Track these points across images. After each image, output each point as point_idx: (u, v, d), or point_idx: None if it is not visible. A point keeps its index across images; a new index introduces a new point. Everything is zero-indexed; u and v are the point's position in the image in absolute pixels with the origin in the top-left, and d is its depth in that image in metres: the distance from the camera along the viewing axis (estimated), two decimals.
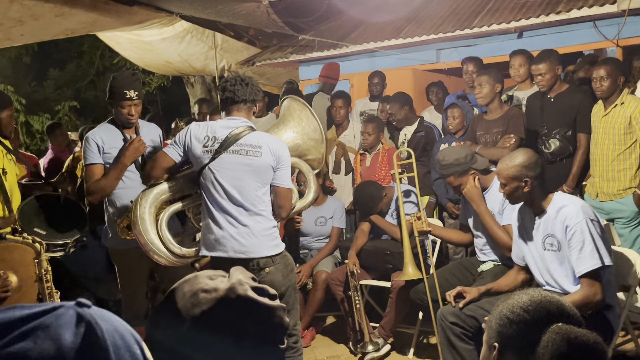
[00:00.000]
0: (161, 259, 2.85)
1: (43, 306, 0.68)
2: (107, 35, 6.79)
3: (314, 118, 3.07)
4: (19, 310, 0.67)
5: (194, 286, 1.06)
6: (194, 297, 1.04)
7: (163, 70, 8.66)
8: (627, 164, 3.75)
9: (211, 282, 1.07)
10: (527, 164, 2.69)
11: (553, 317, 1.36)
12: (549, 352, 1.30)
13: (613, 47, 5.29)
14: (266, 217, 2.80)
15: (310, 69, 7.23)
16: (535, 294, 1.43)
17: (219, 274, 1.10)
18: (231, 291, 1.05)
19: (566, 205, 2.65)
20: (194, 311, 1.03)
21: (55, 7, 4.36)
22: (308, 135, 3.07)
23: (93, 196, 3.21)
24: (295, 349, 2.90)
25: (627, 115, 3.68)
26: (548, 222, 2.71)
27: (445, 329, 2.98)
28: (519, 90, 4.56)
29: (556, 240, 2.68)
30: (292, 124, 3.08)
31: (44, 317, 0.66)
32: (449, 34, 5.83)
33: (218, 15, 5.36)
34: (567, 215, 2.62)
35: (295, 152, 3.05)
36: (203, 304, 1.04)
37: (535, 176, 2.69)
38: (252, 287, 1.08)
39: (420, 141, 4.68)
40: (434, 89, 5.58)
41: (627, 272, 3.06)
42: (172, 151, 2.84)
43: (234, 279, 1.08)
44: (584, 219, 2.57)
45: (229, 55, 7.45)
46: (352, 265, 3.91)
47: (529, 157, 2.71)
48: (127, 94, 3.16)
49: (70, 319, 0.67)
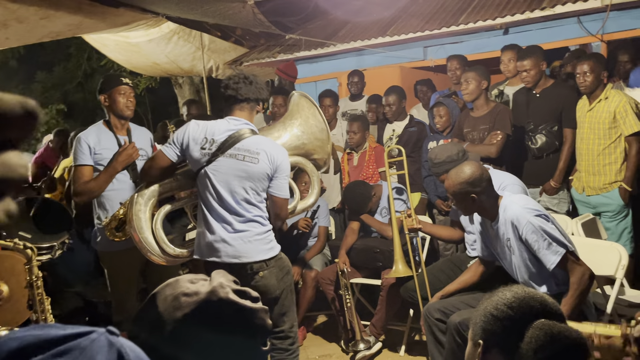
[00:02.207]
0: (154, 257, 2.84)
1: (77, 329, 0.75)
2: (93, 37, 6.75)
3: (322, 118, 3.01)
4: (55, 329, 0.73)
5: (175, 290, 1.06)
6: (175, 301, 1.05)
7: (150, 72, 8.61)
8: (612, 158, 3.78)
9: (192, 285, 1.08)
10: (472, 180, 2.70)
11: (536, 313, 1.37)
12: (532, 347, 1.31)
13: (598, 42, 5.33)
14: (260, 223, 2.74)
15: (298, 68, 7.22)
16: (519, 291, 1.44)
17: (200, 278, 1.11)
18: (212, 294, 1.06)
19: (510, 208, 2.70)
20: (175, 314, 1.03)
21: (39, 10, 4.33)
22: (315, 135, 3.01)
23: (80, 197, 3.20)
24: (292, 351, 2.86)
25: (611, 109, 3.71)
26: (502, 227, 2.75)
27: (431, 325, 3.00)
28: (509, 86, 4.59)
29: (510, 243, 2.74)
30: (298, 122, 3.01)
31: (80, 340, 0.73)
32: (435, 32, 5.85)
33: (204, 15, 5.34)
34: (512, 218, 2.67)
35: (301, 150, 3.01)
36: (184, 307, 1.04)
37: (481, 191, 2.71)
38: (233, 289, 1.08)
39: (412, 137, 4.69)
40: (422, 87, 5.59)
41: (613, 265, 3.09)
42: (169, 151, 2.78)
43: (215, 282, 1.08)
44: (530, 216, 2.62)
45: (216, 56, 7.42)
46: (343, 264, 3.92)
47: (473, 173, 2.71)
48: (122, 80, 3.22)
49: (103, 344, 0.74)
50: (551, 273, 2.68)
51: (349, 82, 5.55)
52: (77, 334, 0.73)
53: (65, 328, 0.74)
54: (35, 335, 0.72)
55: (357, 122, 4.67)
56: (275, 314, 2.77)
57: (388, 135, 4.88)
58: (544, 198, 4.07)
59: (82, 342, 0.72)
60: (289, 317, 2.84)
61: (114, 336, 0.76)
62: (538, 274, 2.72)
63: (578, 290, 2.54)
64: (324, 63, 7.01)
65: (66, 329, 0.74)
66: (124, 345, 0.76)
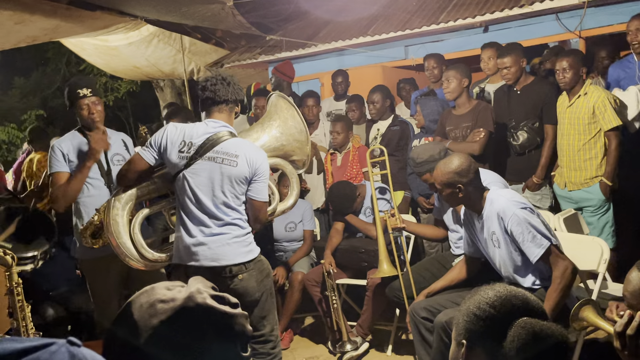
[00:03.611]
0: (133, 262, 2.79)
1: (35, 341, 0.73)
2: (71, 41, 6.66)
3: (300, 119, 2.98)
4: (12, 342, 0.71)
5: (150, 297, 1.04)
6: (151, 308, 1.02)
7: (131, 75, 8.52)
8: (592, 154, 3.81)
9: (169, 292, 1.05)
10: (460, 170, 2.73)
11: (518, 312, 1.37)
12: (515, 346, 1.30)
13: (576, 38, 5.38)
14: (239, 226, 2.71)
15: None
16: (501, 290, 1.43)
17: (177, 285, 1.08)
18: (190, 300, 1.03)
19: (496, 201, 2.73)
20: (151, 322, 1.01)
21: (14, 15, 4.25)
22: (294, 136, 2.98)
23: (57, 203, 3.14)
24: (273, 355, 2.82)
25: (590, 105, 3.74)
26: (488, 221, 2.77)
27: (417, 323, 3.00)
28: (490, 83, 4.61)
29: (496, 237, 2.75)
30: (277, 123, 2.97)
31: (39, 352, 0.71)
32: (415, 30, 5.86)
33: (183, 18, 5.29)
34: (498, 210, 2.70)
35: (280, 152, 2.98)
36: (161, 314, 1.01)
37: (469, 182, 2.74)
38: (211, 295, 1.06)
39: (394, 136, 4.68)
40: (404, 85, 5.60)
41: (595, 260, 3.11)
42: (146, 154, 2.73)
43: (193, 288, 1.06)
44: (515, 209, 2.64)
45: (197, 58, 7.36)
46: (329, 265, 3.91)
47: (461, 164, 2.74)
48: (80, 93, 3.15)
49: (63, 357, 0.72)
50: (535, 267, 2.70)
51: (334, 83, 5.53)
52: (36, 346, 0.71)
53: (24, 341, 0.72)
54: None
55: (341, 122, 4.65)
56: (255, 317, 2.74)
57: (373, 135, 4.87)
58: (526, 194, 4.08)
59: (41, 355, 0.70)
60: (269, 320, 2.80)
61: (75, 347, 0.74)
62: (522, 267, 2.74)
63: (561, 284, 2.55)
64: (306, 64, 6.99)
65: (24, 341, 0.71)
66: (86, 356, 0.74)
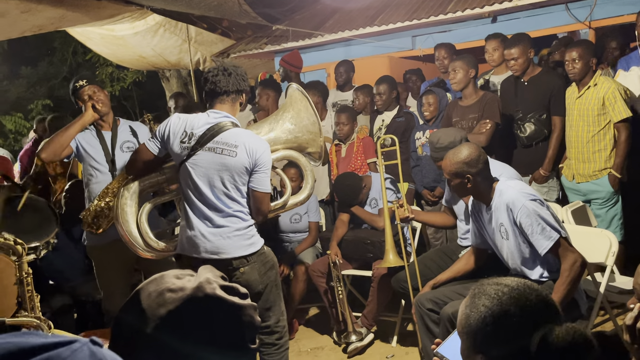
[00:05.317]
0: (139, 251, 2.84)
1: (58, 338, 0.73)
2: (77, 30, 6.66)
3: (313, 111, 2.95)
4: (36, 337, 0.71)
5: (159, 286, 1.03)
6: (159, 297, 1.01)
7: (137, 65, 8.51)
8: (601, 145, 3.78)
9: (178, 281, 1.04)
10: (469, 160, 2.70)
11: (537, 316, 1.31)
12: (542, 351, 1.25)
13: (586, 29, 5.33)
14: (241, 218, 2.70)
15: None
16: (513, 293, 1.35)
17: (186, 273, 1.07)
18: (199, 290, 1.02)
19: (505, 192, 2.70)
20: (159, 311, 1.00)
21: (20, 4, 4.25)
22: (307, 127, 2.95)
23: (42, 150, 3.14)
24: (279, 346, 2.83)
25: (600, 96, 3.71)
26: (496, 212, 2.75)
27: (422, 315, 2.99)
28: (495, 75, 4.57)
29: (504, 228, 2.73)
30: (290, 115, 2.95)
31: (60, 349, 0.71)
32: (423, 21, 5.82)
33: (189, 7, 5.27)
34: (508, 201, 2.67)
35: (294, 144, 2.96)
36: (169, 304, 1.01)
37: (478, 172, 2.71)
38: (221, 285, 1.05)
39: (399, 127, 4.65)
40: (411, 76, 5.57)
41: (603, 252, 3.09)
42: (151, 144, 2.76)
43: (202, 277, 1.05)
44: (525, 200, 2.62)
45: (203, 48, 7.34)
46: (335, 255, 3.90)
47: (471, 154, 2.71)
48: (77, 85, 3.25)
49: (84, 355, 0.72)
50: (543, 259, 2.68)
51: (336, 73, 5.49)
52: (57, 343, 0.71)
53: (47, 337, 0.72)
54: (15, 343, 0.69)
55: (346, 113, 4.62)
56: (259, 309, 2.73)
57: (378, 126, 4.84)
58: (533, 186, 4.06)
59: (63, 352, 0.70)
60: (274, 312, 2.81)
61: (96, 347, 0.74)
62: (530, 260, 2.72)
63: (570, 277, 2.54)
64: (312, 54, 6.95)
65: (47, 337, 0.71)
66: (106, 356, 0.74)
